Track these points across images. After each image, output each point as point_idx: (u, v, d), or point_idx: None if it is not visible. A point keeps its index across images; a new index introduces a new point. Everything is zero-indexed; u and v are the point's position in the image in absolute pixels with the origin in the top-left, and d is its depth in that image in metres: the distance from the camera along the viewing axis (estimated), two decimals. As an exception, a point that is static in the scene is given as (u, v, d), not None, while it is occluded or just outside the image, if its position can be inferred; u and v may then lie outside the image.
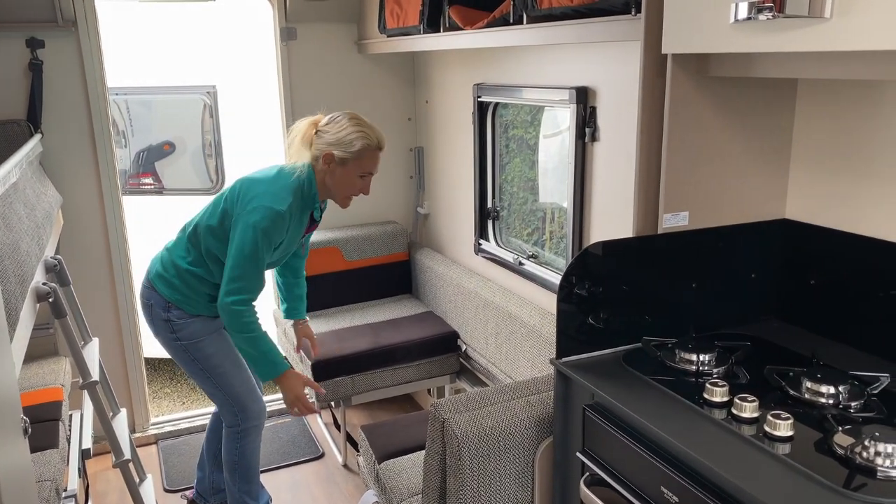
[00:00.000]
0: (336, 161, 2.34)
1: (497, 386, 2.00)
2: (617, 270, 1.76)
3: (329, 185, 2.40)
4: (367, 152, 2.36)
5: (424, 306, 3.70)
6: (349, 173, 2.37)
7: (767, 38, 1.37)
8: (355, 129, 2.34)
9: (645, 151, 1.76)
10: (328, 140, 2.34)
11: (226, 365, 2.56)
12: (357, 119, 2.39)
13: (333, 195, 2.44)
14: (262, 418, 2.68)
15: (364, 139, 2.34)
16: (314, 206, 2.43)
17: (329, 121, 2.39)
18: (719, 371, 1.63)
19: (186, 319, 2.49)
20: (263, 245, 2.29)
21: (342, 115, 2.39)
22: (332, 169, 2.36)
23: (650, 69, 1.72)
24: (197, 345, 2.51)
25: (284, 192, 2.33)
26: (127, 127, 5.28)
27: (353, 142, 2.33)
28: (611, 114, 2.39)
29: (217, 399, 2.62)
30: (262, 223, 2.28)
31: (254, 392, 2.64)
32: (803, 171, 1.86)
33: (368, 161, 2.38)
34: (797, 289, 1.89)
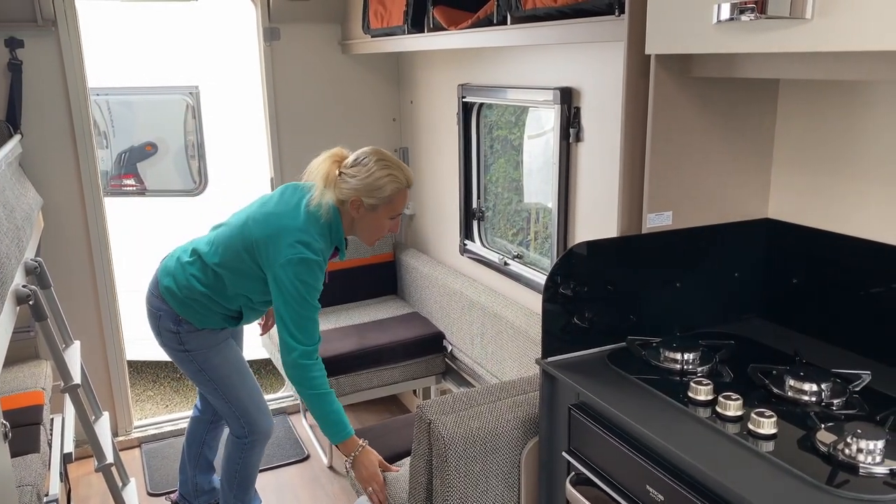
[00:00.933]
0: (365, 207, 2.22)
1: (483, 387, 2.00)
2: (602, 270, 1.77)
3: (357, 228, 2.30)
4: (398, 195, 2.24)
5: (410, 307, 3.70)
6: (379, 217, 2.26)
7: (749, 39, 1.38)
8: (384, 174, 2.20)
9: (629, 152, 1.77)
10: (355, 186, 2.21)
11: (233, 376, 2.51)
12: (384, 160, 2.24)
13: (359, 236, 2.35)
14: (268, 431, 2.62)
15: (394, 183, 2.21)
16: (340, 244, 2.34)
17: (354, 163, 2.26)
18: (703, 370, 1.64)
19: (196, 332, 2.43)
20: (307, 293, 2.20)
21: (368, 157, 2.24)
22: (362, 215, 2.25)
23: (634, 70, 1.72)
24: (205, 354, 2.45)
25: (315, 239, 2.22)
26: (108, 127, 5.23)
27: (384, 187, 2.20)
28: (595, 114, 2.39)
29: (224, 410, 2.56)
30: (302, 275, 2.18)
31: (262, 404, 2.59)
32: (785, 171, 1.88)
33: (399, 203, 2.27)
34: (780, 288, 1.90)
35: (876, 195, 1.66)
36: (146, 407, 4.59)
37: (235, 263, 2.33)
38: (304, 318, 2.21)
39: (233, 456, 2.63)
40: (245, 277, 2.34)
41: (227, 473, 2.67)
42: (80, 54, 3.19)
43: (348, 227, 2.31)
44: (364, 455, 2.27)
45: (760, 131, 1.86)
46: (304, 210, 2.26)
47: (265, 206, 2.35)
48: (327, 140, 3.76)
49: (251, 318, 2.54)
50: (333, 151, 2.30)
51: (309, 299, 2.20)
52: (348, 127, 3.82)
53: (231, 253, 2.33)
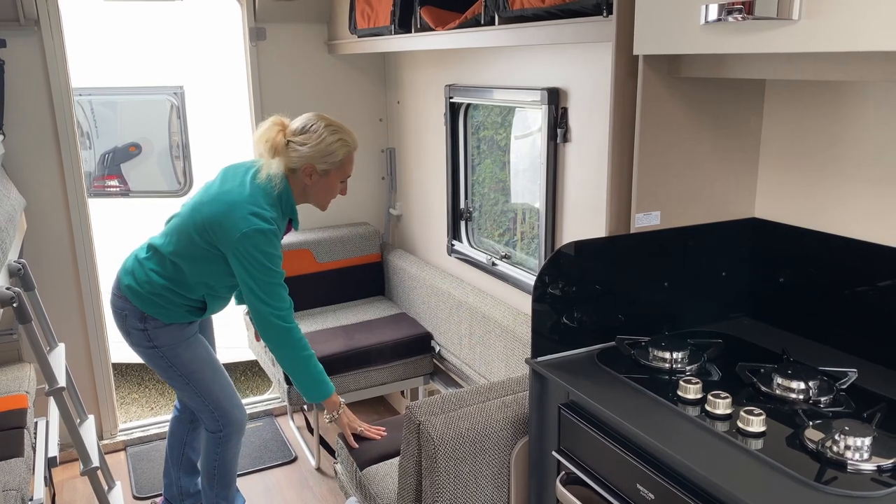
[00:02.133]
0: (318, 173, 2.30)
1: (472, 387, 2.00)
2: (590, 270, 1.77)
3: (310, 194, 2.36)
4: (348, 159, 2.34)
5: (397, 308, 3.69)
6: (332, 181, 2.34)
7: (737, 40, 1.39)
8: (335, 139, 2.28)
9: (617, 152, 1.78)
10: (307, 154, 2.26)
11: (205, 370, 2.51)
12: (332, 125, 2.31)
13: (313, 202, 2.40)
14: (242, 423, 2.63)
15: (345, 147, 2.30)
16: (293, 214, 2.39)
17: (302, 130, 2.29)
18: (692, 368, 1.65)
19: (164, 328, 2.42)
20: (269, 261, 2.23)
21: (316, 124, 2.29)
22: (315, 181, 2.31)
23: (622, 70, 1.73)
24: (174, 350, 2.45)
25: (266, 209, 2.25)
26: (91, 128, 5.19)
27: (336, 152, 2.28)
28: (582, 115, 2.40)
29: (197, 405, 2.56)
30: (260, 246, 2.21)
31: (234, 397, 2.60)
32: (772, 171, 1.89)
33: (349, 166, 2.36)
34: (767, 287, 1.92)
35: (862, 194, 1.68)
36: (131, 410, 4.55)
37: (190, 250, 2.33)
38: (271, 284, 2.25)
39: (209, 452, 2.63)
40: (202, 262, 2.34)
41: (206, 471, 2.66)
42: (63, 54, 3.16)
43: (299, 194, 2.37)
44: (345, 413, 2.44)
45: (747, 131, 1.87)
46: (250, 184, 2.29)
47: (211, 189, 2.37)
48: (314, 140, 3.78)
49: (215, 306, 2.52)
50: (273, 119, 2.33)
51: (272, 267, 2.25)
52: (335, 127, 3.80)
53: (185, 239, 2.33)
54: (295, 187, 2.34)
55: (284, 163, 2.29)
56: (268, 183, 2.28)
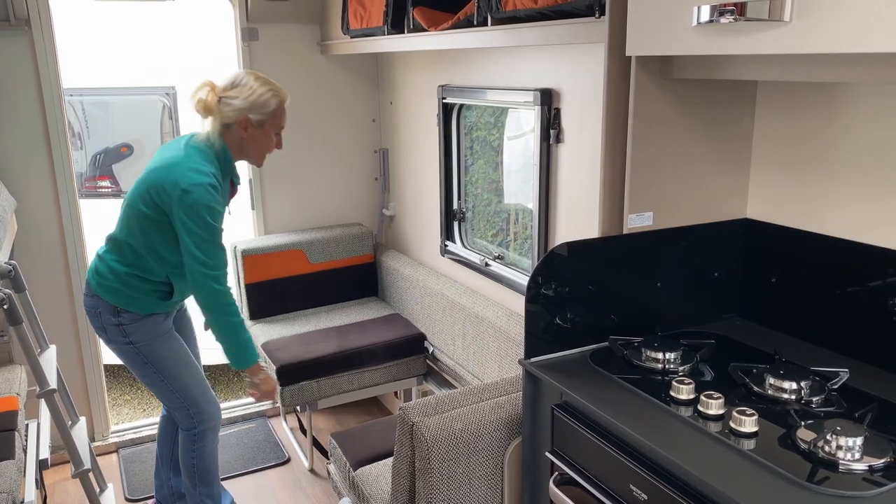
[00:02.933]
0: (254, 125, 2.34)
1: (466, 388, 2.00)
2: (583, 271, 1.77)
3: (247, 149, 2.40)
4: (280, 109, 2.38)
5: (391, 308, 3.69)
6: (267, 133, 2.39)
7: (729, 41, 1.39)
8: (266, 89, 2.34)
9: (609, 153, 1.78)
10: (240, 106, 2.32)
11: (179, 367, 2.52)
12: (261, 77, 2.38)
13: (250, 157, 2.44)
14: (217, 419, 2.65)
15: (276, 97, 2.36)
16: (232, 172, 2.44)
17: (233, 85, 2.36)
18: (685, 369, 1.65)
19: (138, 322, 2.43)
20: (209, 215, 2.26)
21: (246, 77, 2.37)
22: (251, 133, 2.36)
23: (614, 71, 1.73)
24: (150, 346, 2.46)
25: (205, 165, 2.30)
26: (83, 129, 5.17)
27: (268, 102, 2.34)
28: (575, 115, 2.41)
29: (172, 402, 2.57)
30: (201, 198, 2.24)
31: (207, 393, 2.61)
32: (764, 172, 1.90)
33: (282, 116, 2.41)
34: (759, 287, 1.92)
35: (853, 195, 1.69)
36: (123, 411, 4.53)
37: (141, 224, 2.34)
38: (208, 242, 2.27)
39: (186, 450, 2.64)
40: (154, 234, 2.34)
41: (187, 470, 2.67)
42: (54, 54, 3.15)
43: (236, 151, 2.41)
44: (268, 377, 2.52)
45: (739, 132, 1.88)
46: (186, 148, 2.34)
47: (152, 164, 2.41)
48: (306, 141, 3.78)
49: (183, 288, 2.50)
50: (203, 81, 2.38)
51: (212, 222, 2.27)
52: (328, 128, 3.81)
53: (134, 215, 2.35)
54: (231, 144, 2.38)
55: (219, 120, 2.35)
56: (205, 144, 2.35)
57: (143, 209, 2.32)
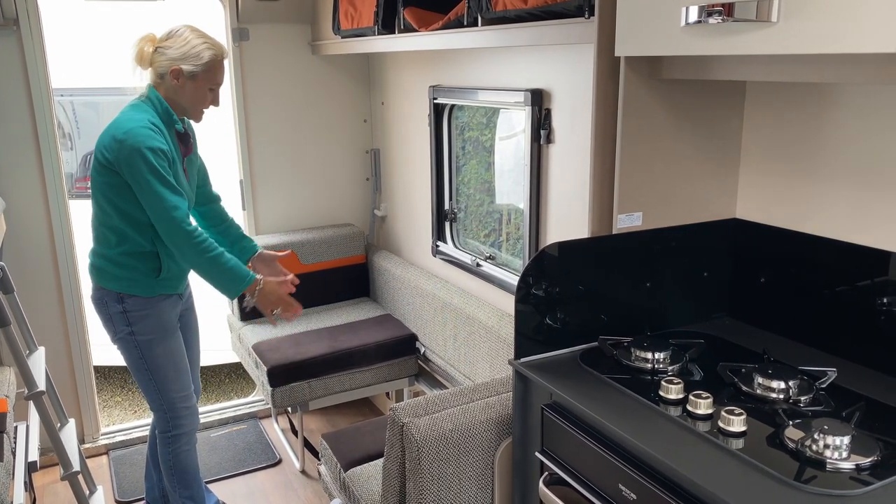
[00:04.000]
0: (185, 76, 2.30)
1: (456, 388, 2.00)
2: (573, 271, 1.78)
3: (180, 101, 2.36)
4: (216, 63, 2.34)
5: (382, 309, 3.68)
6: (200, 86, 2.34)
7: (717, 42, 1.39)
8: (200, 41, 2.31)
9: (599, 153, 1.78)
10: (173, 56, 2.29)
11: (169, 368, 2.52)
12: (199, 31, 2.36)
13: (186, 111, 2.40)
14: (192, 427, 2.64)
15: (210, 49, 2.32)
16: (173, 119, 2.37)
17: (169, 35, 2.34)
18: (674, 369, 1.65)
19: (144, 310, 2.42)
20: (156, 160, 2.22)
21: (183, 28, 2.35)
22: (182, 84, 2.31)
23: (603, 72, 1.74)
24: (149, 343, 2.45)
25: (138, 114, 2.28)
26: (73, 129, 5.13)
27: (201, 54, 2.30)
28: (565, 116, 2.41)
29: (153, 402, 2.58)
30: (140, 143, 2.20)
31: (188, 401, 2.60)
32: (753, 172, 1.91)
33: (218, 72, 2.36)
34: (748, 287, 1.93)
35: (841, 195, 1.70)
36: (114, 413, 4.51)
37: (104, 194, 2.32)
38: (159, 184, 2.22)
39: (163, 453, 2.64)
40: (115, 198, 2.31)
41: (166, 472, 2.67)
42: (43, 54, 3.13)
43: (171, 100, 2.36)
44: (267, 285, 2.41)
45: (728, 133, 1.88)
46: (122, 111, 2.34)
47: None
48: (297, 141, 3.78)
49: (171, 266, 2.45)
50: (145, 35, 2.37)
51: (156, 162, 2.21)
52: (319, 128, 3.80)
53: (96, 189, 2.34)
54: (167, 96, 2.35)
55: (154, 71, 2.33)
56: (137, 99, 2.34)
57: (98, 178, 2.31)
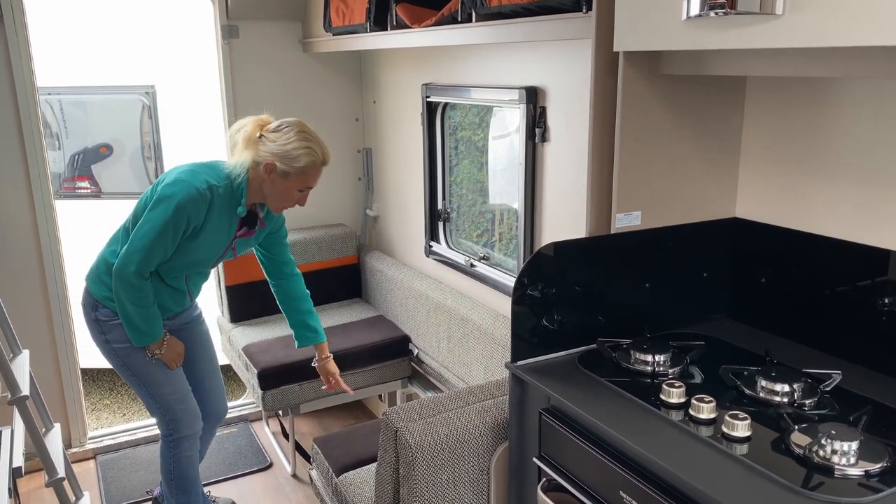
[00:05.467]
0: (278, 173, 2.24)
1: (451, 392, 1.95)
2: (570, 271, 1.73)
3: (266, 192, 2.31)
4: (311, 168, 2.26)
5: (375, 310, 3.64)
6: (290, 187, 2.28)
7: (719, 35, 1.36)
8: (302, 144, 2.23)
9: (597, 151, 1.74)
10: (272, 150, 2.23)
11: (157, 373, 2.46)
12: (305, 132, 2.28)
13: (267, 202, 2.34)
14: (195, 428, 2.58)
15: (310, 156, 2.24)
16: (240, 200, 2.32)
17: (276, 128, 2.28)
18: (675, 371, 1.61)
19: (114, 320, 2.38)
20: (173, 219, 2.19)
21: (290, 126, 2.27)
22: (273, 179, 2.26)
23: (601, 68, 1.70)
24: (127, 350, 2.41)
25: (208, 174, 2.25)
26: (60, 128, 5.08)
27: (299, 157, 2.22)
28: (561, 114, 2.37)
29: (149, 407, 2.53)
30: (178, 196, 2.18)
31: (187, 402, 2.55)
32: (752, 170, 1.87)
33: (311, 177, 2.29)
34: (748, 287, 1.89)
35: (844, 193, 1.66)
36: (102, 416, 4.45)
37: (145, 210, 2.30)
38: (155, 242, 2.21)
39: (164, 456, 2.60)
40: None
41: (164, 476, 2.63)
42: (28, 52, 3.07)
43: (256, 188, 2.32)
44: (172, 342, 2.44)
45: (728, 130, 1.85)
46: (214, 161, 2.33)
47: None
48: (288, 140, 3.71)
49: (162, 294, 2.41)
50: (260, 117, 2.33)
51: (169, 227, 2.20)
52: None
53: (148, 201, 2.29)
54: (254, 180, 2.30)
55: (252, 155, 2.28)
56: (227, 165, 2.30)
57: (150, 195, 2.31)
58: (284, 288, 2.64)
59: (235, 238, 2.39)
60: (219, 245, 2.36)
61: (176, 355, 2.46)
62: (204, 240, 2.29)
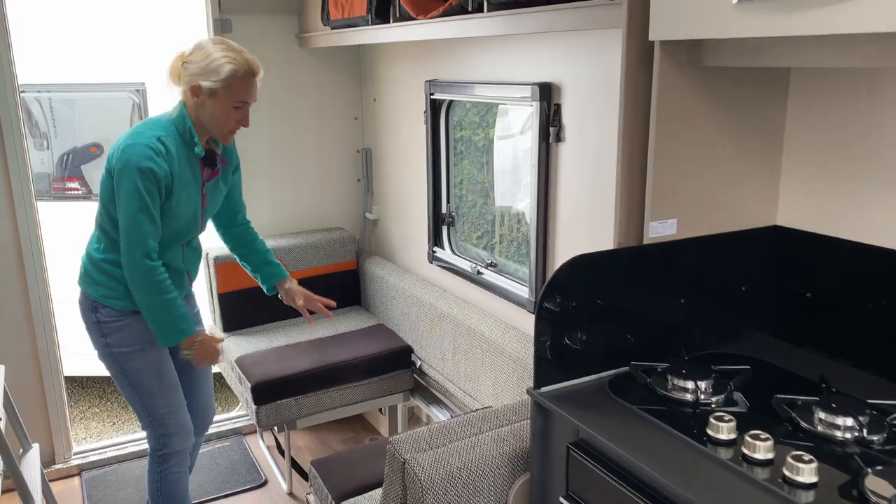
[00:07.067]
0: (205, 93, 2.13)
1: (462, 417, 1.78)
2: (597, 286, 1.56)
3: (202, 118, 2.18)
4: (237, 79, 2.13)
5: (375, 319, 3.46)
6: (221, 105, 2.15)
7: (781, 20, 1.18)
8: (221, 55, 2.12)
9: (627, 152, 1.57)
10: (193, 70, 2.13)
11: (153, 384, 2.34)
12: (224, 43, 2.17)
13: (209, 129, 2.21)
14: (185, 445, 2.45)
15: (231, 64, 2.12)
16: (194, 142, 2.19)
17: (194, 49, 2.18)
18: (718, 400, 1.44)
19: (118, 321, 2.25)
20: (143, 184, 2.07)
21: (207, 41, 2.19)
22: (202, 102, 2.15)
23: (633, 59, 1.52)
24: (127, 356, 2.28)
25: (152, 129, 2.14)
26: (49, 127, 4.94)
27: (219, 68, 2.11)
28: (577, 111, 2.21)
29: (141, 419, 2.40)
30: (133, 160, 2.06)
31: (178, 416, 2.41)
32: (796, 173, 1.69)
33: (239, 89, 2.15)
34: (792, 302, 1.72)
35: (901, 200, 1.49)
36: (91, 425, 4.28)
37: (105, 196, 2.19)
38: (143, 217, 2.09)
39: (151, 472, 2.46)
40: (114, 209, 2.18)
41: (151, 494, 2.49)
42: (7, 47, 2.89)
43: (196, 121, 2.20)
44: (207, 340, 2.31)
45: (769, 127, 1.67)
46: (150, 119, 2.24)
47: None
48: (283, 140, 3.54)
49: None
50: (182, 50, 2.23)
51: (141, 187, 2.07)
52: (307, 126, 3.58)
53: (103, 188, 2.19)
54: (191, 113, 2.19)
55: (182, 87, 2.18)
56: (162, 113, 2.21)
57: (104, 180, 2.18)
58: (242, 234, 2.57)
59: (205, 184, 2.28)
60: (193, 197, 2.24)
61: (208, 355, 2.33)
62: (178, 196, 2.18)
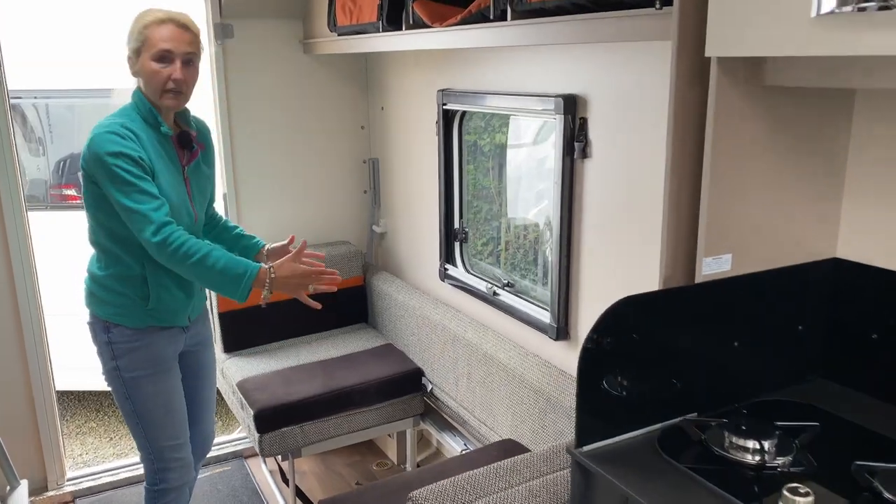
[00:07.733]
0: (132, 59, 2.08)
1: (489, 467, 1.61)
2: (646, 330, 1.40)
3: (146, 91, 2.08)
4: (150, 28, 2.03)
5: (383, 338, 3.30)
6: (146, 64, 2.04)
7: (868, 37, 1.02)
8: (138, 15, 2.08)
9: (676, 179, 1.41)
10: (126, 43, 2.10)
11: (159, 415, 2.22)
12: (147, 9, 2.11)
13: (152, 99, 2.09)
14: (184, 479, 2.32)
15: (140, 20, 2.06)
16: (158, 121, 2.09)
17: None
18: (784, 462, 1.28)
19: (130, 343, 2.14)
20: (125, 165, 1.96)
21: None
22: (135, 71, 2.09)
23: (684, 76, 1.36)
24: (136, 381, 2.17)
25: (115, 118, 2.06)
26: (45, 133, 4.85)
27: (132, 29, 2.06)
28: (605, 127, 2.06)
29: (141, 450, 2.28)
30: (102, 147, 1.96)
31: (181, 450, 2.28)
32: (859, 200, 1.53)
33: (155, 38, 2.03)
34: (853, 344, 1.56)
35: None
36: (87, 440, 4.17)
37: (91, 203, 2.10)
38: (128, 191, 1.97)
39: None
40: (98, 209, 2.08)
41: None
42: (-7, 49, 2.74)
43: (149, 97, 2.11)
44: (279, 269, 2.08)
45: (831, 151, 1.51)
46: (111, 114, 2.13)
47: None
48: (287, 151, 3.39)
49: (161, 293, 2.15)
50: None
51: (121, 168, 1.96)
52: (311, 136, 3.43)
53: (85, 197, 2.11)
54: (145, 93, 2.11)
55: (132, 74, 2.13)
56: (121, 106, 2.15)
57: (84, 189, 2.09)
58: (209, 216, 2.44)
59: (185, 167, 2.17)
60: (176, 182, 2.13)
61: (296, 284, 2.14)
62: (160, 182, 2.06)
